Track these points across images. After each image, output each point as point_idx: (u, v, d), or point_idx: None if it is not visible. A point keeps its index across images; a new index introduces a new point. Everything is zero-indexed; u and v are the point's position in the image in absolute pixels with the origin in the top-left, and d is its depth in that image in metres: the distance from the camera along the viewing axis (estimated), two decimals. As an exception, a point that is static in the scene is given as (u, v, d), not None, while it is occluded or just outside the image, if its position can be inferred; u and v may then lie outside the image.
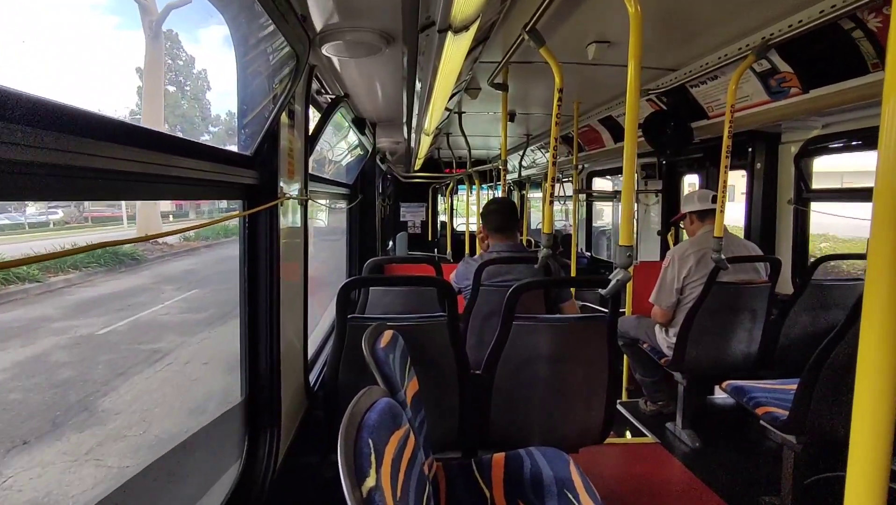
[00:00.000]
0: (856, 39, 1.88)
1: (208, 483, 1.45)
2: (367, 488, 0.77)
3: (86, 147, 0.70)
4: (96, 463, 3.58)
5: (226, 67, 34.94)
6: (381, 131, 3.84)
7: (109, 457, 3.65)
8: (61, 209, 7.43)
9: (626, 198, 1.50)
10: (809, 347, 1.98)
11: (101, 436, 3.92)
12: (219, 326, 6.67)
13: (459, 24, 1.18)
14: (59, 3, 19.83)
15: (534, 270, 2.26)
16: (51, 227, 7.22)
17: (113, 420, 4.18)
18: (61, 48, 19.99)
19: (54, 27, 19.40)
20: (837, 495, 0.65)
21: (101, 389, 4.66)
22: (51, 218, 7.10)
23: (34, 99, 0.61)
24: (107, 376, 4.92)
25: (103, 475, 3.43)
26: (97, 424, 4.09)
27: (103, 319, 6.42)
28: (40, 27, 16.89)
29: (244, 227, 1.50)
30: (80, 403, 4.42)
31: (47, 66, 16.42)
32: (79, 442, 3.81)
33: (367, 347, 1.34)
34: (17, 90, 0.58)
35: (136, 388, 4.75)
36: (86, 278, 7.32)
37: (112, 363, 5.27)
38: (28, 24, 15.65)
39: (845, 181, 3.97)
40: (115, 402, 4.46)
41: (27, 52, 14.69)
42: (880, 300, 0.59)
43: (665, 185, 4.30)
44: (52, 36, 18.44)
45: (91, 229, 9.69)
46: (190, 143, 1.05)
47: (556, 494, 1.49)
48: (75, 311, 6.61)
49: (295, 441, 1.71)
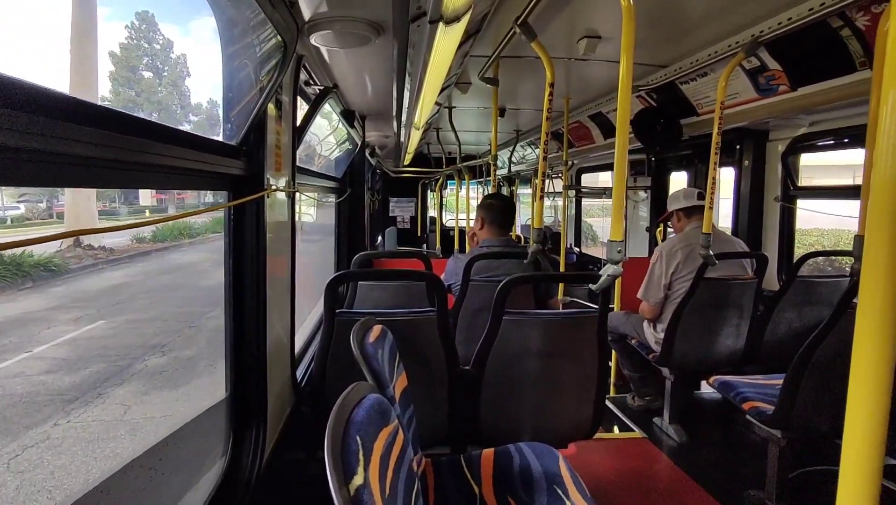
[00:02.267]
0: (844, 38, 1.89)
1: (192, 480, 1.43)
2: (354, 486, 0.75)
3: (58, 130, 0.67)
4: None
5: (209, 54, 33.38)
6: (371, 125, 3.81)
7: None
8: (24, 204, 6.51)
9: (617, 194, 1.50)
10: (795, 342, 2.00)
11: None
12: (97, 401, 4.14)
13: (451, 15, 1.16)
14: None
15: (523, 266, 2.26)
16: (7, 224, 6.12)
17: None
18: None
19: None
20: (821, 489, 0.65)
21: None
22: (9, 214, 6.05)
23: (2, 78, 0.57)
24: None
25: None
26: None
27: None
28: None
29: (229, 219, 1.46)
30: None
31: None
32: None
33: (356, 342, 1.32)
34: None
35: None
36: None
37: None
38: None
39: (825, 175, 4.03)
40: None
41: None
42: (875, 293, 0.58)
43: (654, 182, 4.32)
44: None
45: (54, 226, 8.18)
46: (173, 131, 1.02)
47: (546, 489, 1.49)
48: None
49: (281, 437, 1.69)
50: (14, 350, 4.99)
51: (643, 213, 4.82)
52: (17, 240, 0.64)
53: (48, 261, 6.53)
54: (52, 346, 5.32)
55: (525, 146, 5.89)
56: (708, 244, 2.47)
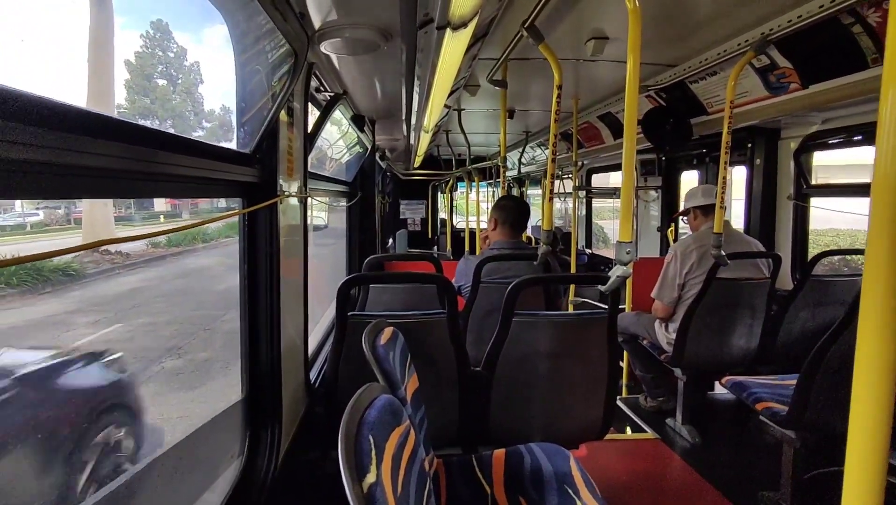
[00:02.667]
0: (855, 34, 1.87)
1: (211, 479, 1.46)
2: (367, 484, 0.77)
3: (74, 143, 0.69)
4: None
5: (221, 61, 33.76)
6: (381, 129, 3.84)
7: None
8: (43, 210, 6.58)
9: (626, 194, 1.51)
10: (808, 342, 1.98)
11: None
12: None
13: (458, 21, 1.18)
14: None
15: (534, 268, 2.27)
16: (27, 230, 6.18)
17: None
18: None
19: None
20: (836, 490, 0.65)
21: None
22: (28, 220, 6.08)
23: (15, 93, 0.59)
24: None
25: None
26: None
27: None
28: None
29: (244, 225, 1.50)
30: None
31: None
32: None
33: (368, 344, 1.34)
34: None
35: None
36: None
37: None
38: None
39: (842, 175, 3.97)
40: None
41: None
42: (878, 293, 0.59)
43: (664, 182, 4.30)
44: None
45: (71, 232, 8.17)
46: (188, 141, 1.05)
47: (557, 489, 1.50)
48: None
49: (296, 438, 1.72)
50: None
51: (654, 212, 4.79)
52: (38, 253, 0.66)
53: (66, 266, 6.61)
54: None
55: (535, 147, 5.89)
56: (719, 244, 2.45)
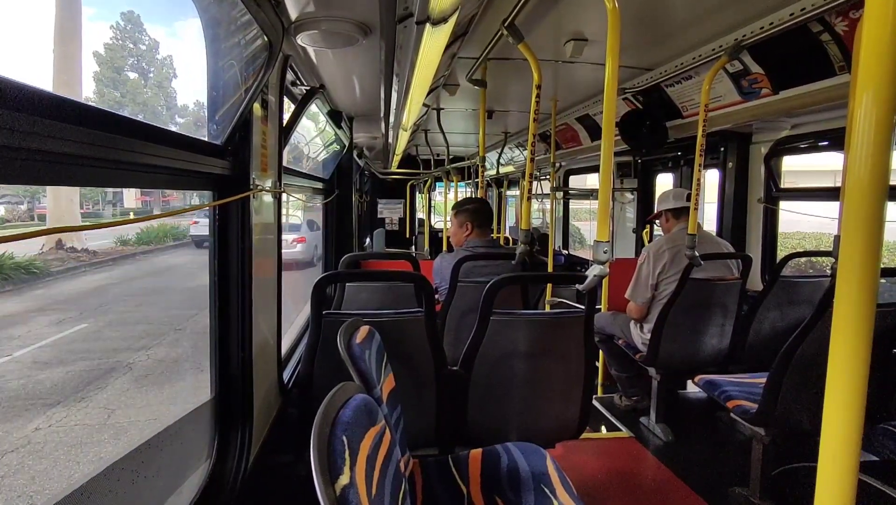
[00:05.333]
0: (824, 42, 1.93)
1: (176, 483, 1.41)
2: (340, 486, 0.75)
3: (39, 127, 0.66)
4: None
5: (195, 56, 32.74)
6: (359, 126, 3.80)
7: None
8: (3, 206, 6.22)
9: (604, 194, 1.52)
10: (778, 341, 2.03)
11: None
12: (80, 405, 3.84)
13: (438, 16, 1.16)
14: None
15: (511, 267, 2.27)
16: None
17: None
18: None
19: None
20: (803, 485, 0.66)
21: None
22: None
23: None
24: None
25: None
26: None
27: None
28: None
29: (214, 219, 1.45)
30: None
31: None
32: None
33: (343, 343, 1.31)
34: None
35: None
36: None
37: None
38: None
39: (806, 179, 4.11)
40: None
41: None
42: (851, 292, 0.60)
43: (640, 184, 4.37)
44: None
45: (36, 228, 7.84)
46: (157, 129, 1.01)
47: (533, 488, 1.50)
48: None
49: (268, 439, 1.68)
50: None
51: (630, 214, 4.86)
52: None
53: (29, 263, 6.34)
54: (35, 348, 5.18)
55: (513, 148, 5.92)
56: (693, 245, 2.50)
